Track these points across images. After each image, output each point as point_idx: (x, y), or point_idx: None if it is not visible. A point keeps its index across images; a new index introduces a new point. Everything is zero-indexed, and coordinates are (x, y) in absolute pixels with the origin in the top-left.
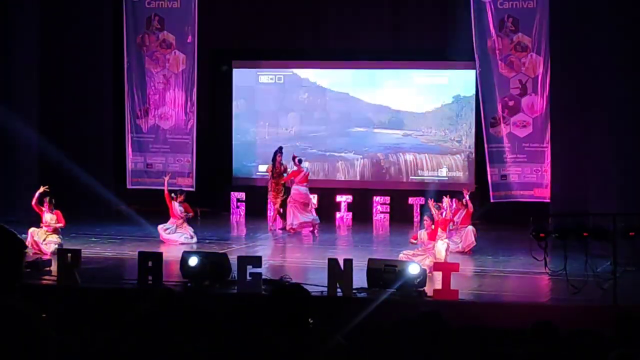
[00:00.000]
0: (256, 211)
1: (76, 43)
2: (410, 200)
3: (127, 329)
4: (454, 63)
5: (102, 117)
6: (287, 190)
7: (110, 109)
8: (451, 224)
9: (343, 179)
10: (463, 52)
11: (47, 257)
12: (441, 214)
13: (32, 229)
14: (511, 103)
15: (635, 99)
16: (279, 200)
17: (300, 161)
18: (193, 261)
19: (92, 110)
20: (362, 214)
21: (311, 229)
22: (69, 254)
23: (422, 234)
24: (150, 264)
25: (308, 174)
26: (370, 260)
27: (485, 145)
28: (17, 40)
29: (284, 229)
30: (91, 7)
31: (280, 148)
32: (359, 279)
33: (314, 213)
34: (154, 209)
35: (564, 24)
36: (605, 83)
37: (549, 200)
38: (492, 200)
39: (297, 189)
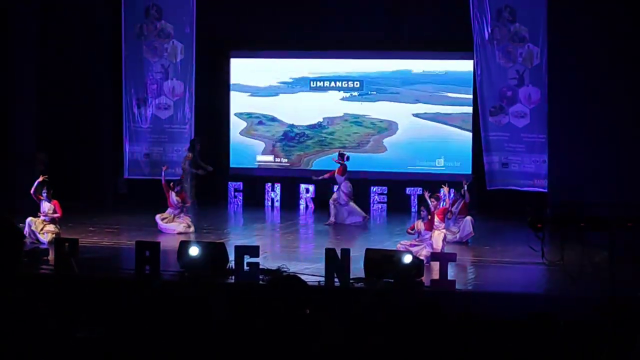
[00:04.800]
0: (254, 201)
1: (74, 33)
2: (408, 190)
3: (124, 319)
4: (452, 53)
5: (100, 107)
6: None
7: (109, 99)
8: (449, 213)
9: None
10: (461, 42)
11: (45, 246)
12: (439, 203)
13: (29, 219)
14: (509, 93)
15: (633, 90)
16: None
17: (343, 156)
18: (191, 251)
19: (90, 101)
20: (359, 204)
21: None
22: (67, 244)
23: (419, 224)
24: (147, 253)
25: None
26: (367, 250)
27: (483, 134)
28: (15, 30)
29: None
30: None
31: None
32: (357, 269)
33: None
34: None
35: (562, 13)
36: (603, 73)
37: (547, 190)
38: (488, 188)
39: (348, 183)
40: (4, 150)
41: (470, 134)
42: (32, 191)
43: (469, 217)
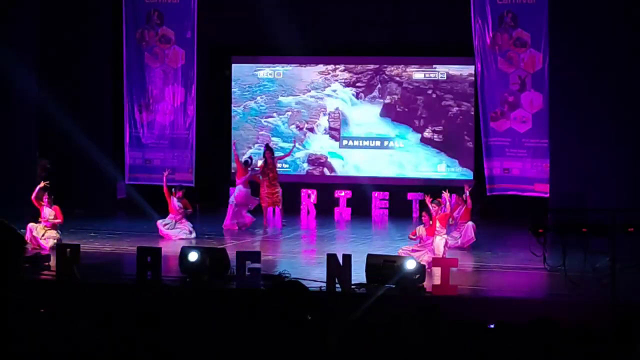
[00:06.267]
0: (255, 206)
1: (75, 38)
2: (409, 195)
3: (126, 324)
4: (452, 58)
5: (101, 112)
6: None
7: (109, 104)
8: (450, 219)
9: (342, 174)
10: (462, 47)
11: (46, 252)
12: (441, 209)
13: (30, 224)
14: (511, 99)
15: (635, 95)
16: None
17: (247, 163)
18: (192, 256)
19: (91, 106)
20: (361, 209)
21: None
22: (68, 249)
23: (421, 230)
24: (149, 259)
25: (249, 175)
26: (369, 255)
27: (484, 139)
28: (15, 36)
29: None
30: (90, 2)
31: (266, 145)
32: (358, 275)
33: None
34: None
35: (563, 19)
36: (604, 78)
37: (548, 196)
38: (487, 194)
39: (246, 191)
40: (5, 157)
41: (473, 139)
42: (33, 197)
43: (470, 223)
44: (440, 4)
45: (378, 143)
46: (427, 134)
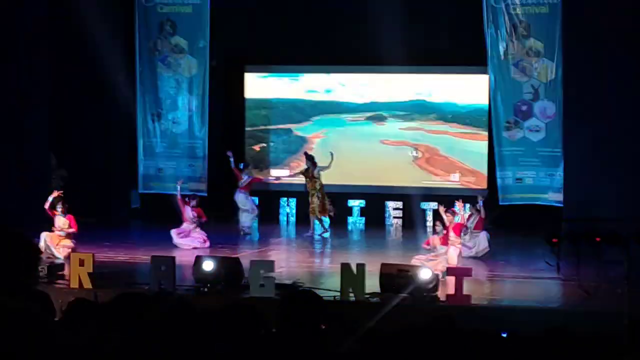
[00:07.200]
0: (269, 216)
1: (88, 48)
2: (423, 205)
3: (139, 334)
4: (466, 68)
5: (114, 121)
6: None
7: (123, 114)
8: (464, 228)
9: (356, 183)
10: (476, 57)
11: (60, 261)
12: (454, 218)
13: (45, 233)
14: (524, 108)
15: None
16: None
17: (239, 167)
18: (206, 265)
19: (104, 115)
20: (374, 218)
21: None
22: (82, 258)
23: (435, 239)
24: (163, 268)
25: (245, 180)
26: (383, 265)
27: (496, 149)
28: (29, 47)
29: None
30: (103, 12)
31: (304, 153)
32: (372, 284)
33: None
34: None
35: (576, 28)
36: (617, 88)
37: (562, 205)
38: (500, 203)
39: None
40: (19, 166)
41: (486, 149)
42: (46, 206)
43: (484, 232)
44: (453, 13)
45: (395, 152)
46: (442, 143)
